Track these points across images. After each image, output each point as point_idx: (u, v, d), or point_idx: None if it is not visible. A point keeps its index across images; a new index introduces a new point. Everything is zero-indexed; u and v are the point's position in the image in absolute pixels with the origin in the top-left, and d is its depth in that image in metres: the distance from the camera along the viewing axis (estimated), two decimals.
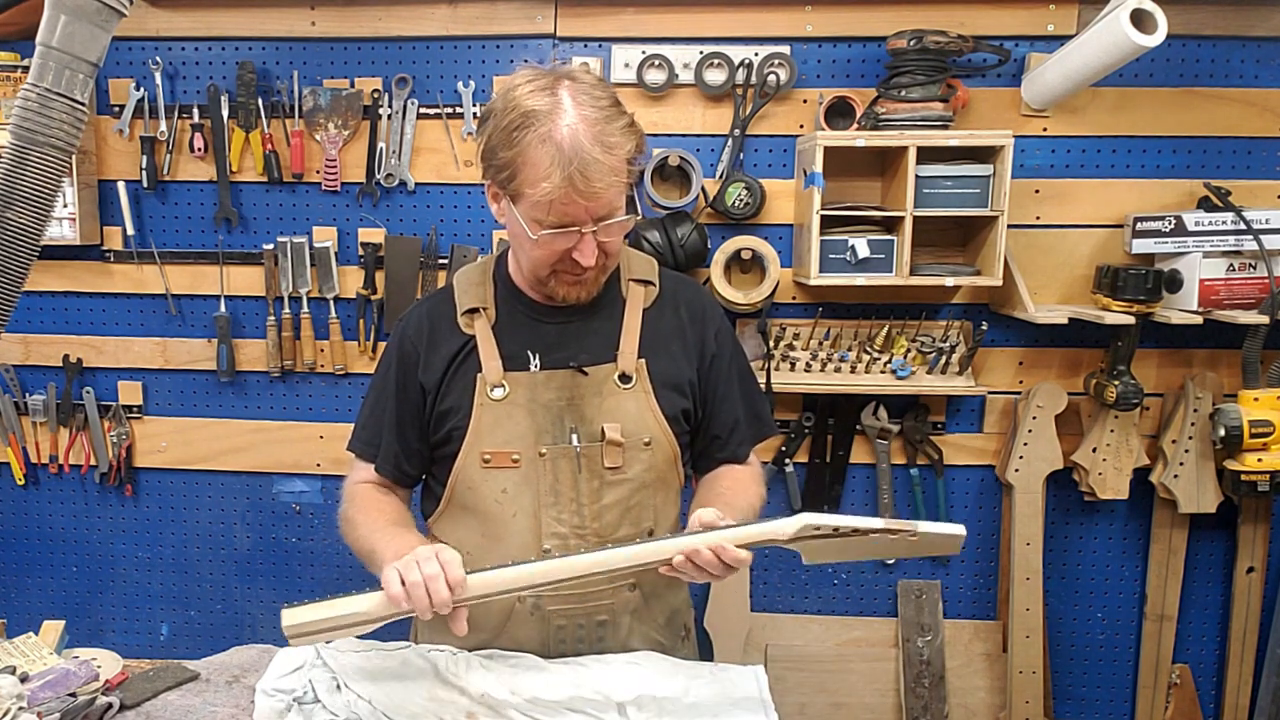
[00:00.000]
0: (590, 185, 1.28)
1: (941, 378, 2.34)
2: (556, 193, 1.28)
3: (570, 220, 1.32)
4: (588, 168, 1.27)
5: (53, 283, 2.52)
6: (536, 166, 1.29)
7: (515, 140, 1.30)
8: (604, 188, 1.30)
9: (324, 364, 2.50)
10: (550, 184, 1.28)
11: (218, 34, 2.41)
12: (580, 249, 1.35)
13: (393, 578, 1.22)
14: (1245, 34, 2.28)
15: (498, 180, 1.36)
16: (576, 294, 1.43)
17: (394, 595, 1.21)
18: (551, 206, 1.30)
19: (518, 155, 1.30)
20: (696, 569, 1.23)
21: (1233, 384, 2.29)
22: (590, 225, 1.33)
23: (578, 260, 1.36)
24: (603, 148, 1.28)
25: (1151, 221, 2.25)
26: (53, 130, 1.13)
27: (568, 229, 1.33)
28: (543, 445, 1.44)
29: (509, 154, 1.31)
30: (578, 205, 1.30)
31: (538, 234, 1.33)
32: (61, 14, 1.11)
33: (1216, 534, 2.44)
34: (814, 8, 2.32)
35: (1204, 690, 2.50)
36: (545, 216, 1.32)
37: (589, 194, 1.29)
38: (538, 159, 1.28)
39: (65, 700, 1.29)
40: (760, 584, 2.52)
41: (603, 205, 1.32)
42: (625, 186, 1.36)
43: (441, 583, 1.20)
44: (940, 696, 2.45)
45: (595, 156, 1.27)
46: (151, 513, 2.62)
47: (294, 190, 2.46)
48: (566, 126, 1.28)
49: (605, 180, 1.29)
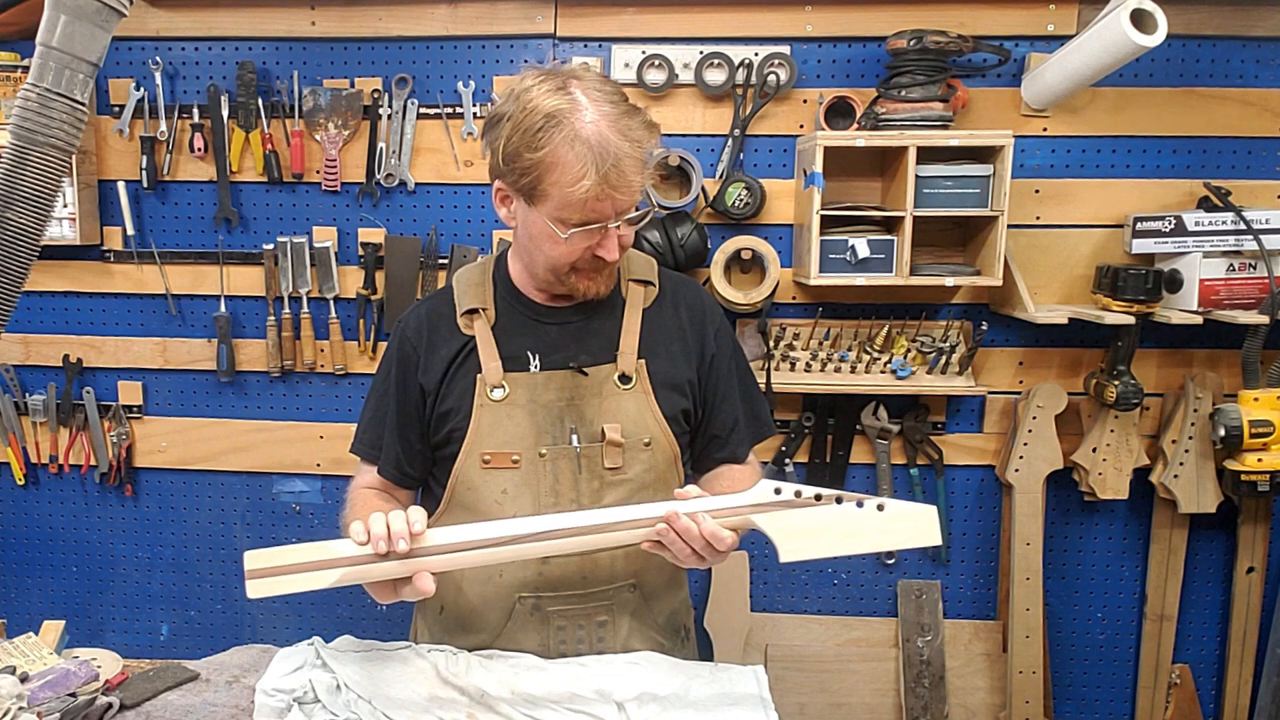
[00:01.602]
0: (625, 179, 1.30)
1: (941, 378, 2.34)
2: (594, 190, 1.29)
3: (598, 217, 1.33)
4: (621, 162, 1.29)
5: (53, 283, 2.52)
6: (569, 167, 1.29)
7: (540, 142, 1.30)
8: (637, 181, 1.33)
9: (324, 364, 2.50)
10: (588, 182, 1.29)
11: (218, 34, 2.41)
12: (605, 245, 1.37)
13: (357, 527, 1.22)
14: (1245, 34, 2.28)
15: (520, 185, 1.35)
16: (597, 288, 1.44)
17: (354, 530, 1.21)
18: (585, 205, 1.31)
19: (546, 156, 1.30)
20: (680, 541, 1.22)
21: (1233, 384, 2.29)
22: (615, 220, 1.35)
23: (602, 256, 1.37)
24: (630, 142, 1.30)
25: (1151, 221, 2.25)
26: (53, 130, 1.12)
27: (594, 225, 1.34)
28: (543, 446, 1.44)
29: (535, 156, 1.31)
30: (609, 201, 1.32)
31: (566, 233, 1.34)
32: (61, 14, 1.11)
33: (1216, 534, 2.44)
34: (814, 8, 2.32)
35: (1204, 690, 2.50)
36: (575, 215, 1.33)
37: (623, 187, 1.31)
38: (569, 159, 1.29)
39: (65, 700, 1.29)
40: (760, 584, 2.52)
41: (631, 200, 1.34)
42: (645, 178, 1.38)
43: (402, 521, 1.20)
44: (940, 696, 2.45)
45: (626, 151, 1.30)
46: (151, 513, 2.62)
47: (294, 190, 2.46)
48: (591, 124, 1.29)
49: (638, 174, 1.32)
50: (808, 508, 1.20)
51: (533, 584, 1.44)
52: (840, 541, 1.20)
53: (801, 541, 1.21)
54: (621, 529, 1.24)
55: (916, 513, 1.20)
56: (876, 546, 1.21)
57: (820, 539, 1.20)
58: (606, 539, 1.25)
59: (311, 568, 1.20)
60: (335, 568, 1.21)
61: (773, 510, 1.22)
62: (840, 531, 1.20)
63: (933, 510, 1.20)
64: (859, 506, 1.19)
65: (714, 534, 1.22)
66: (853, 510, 1.19)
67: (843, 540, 1.20)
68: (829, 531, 1.20)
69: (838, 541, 1.20)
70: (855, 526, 1.19)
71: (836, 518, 1.20)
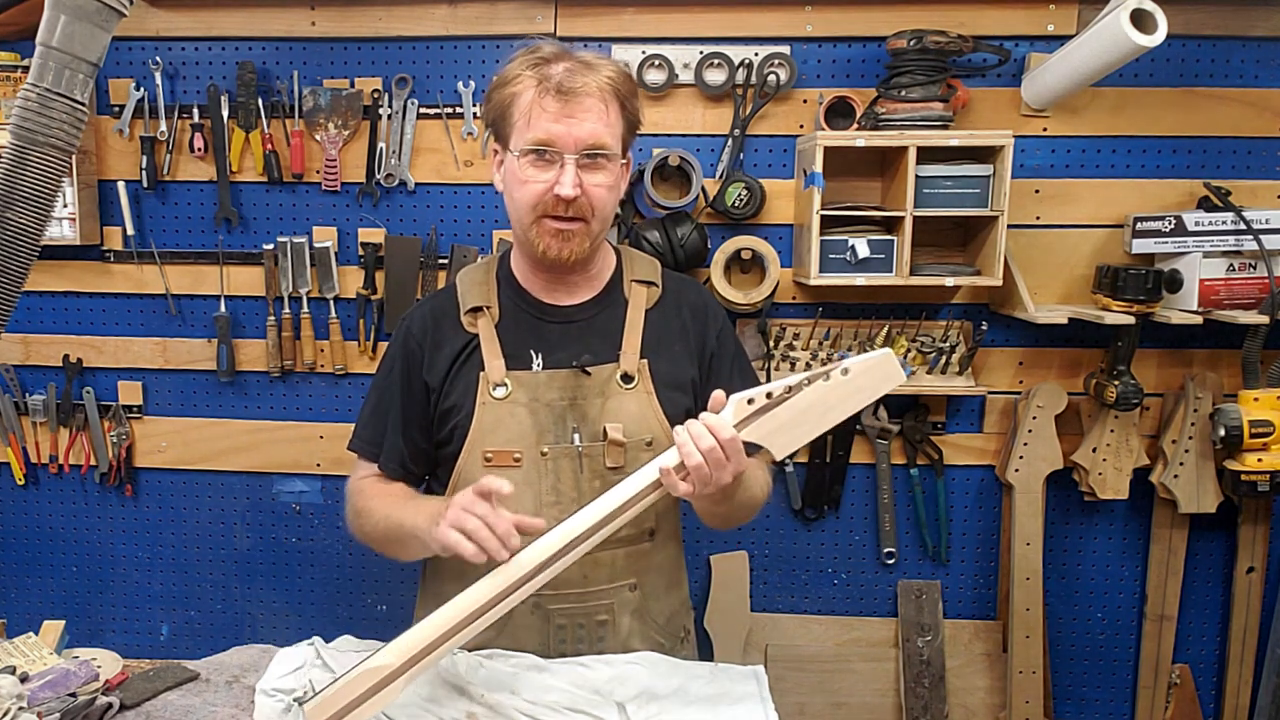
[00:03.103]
0: (574, 96, 1.33)
1: (941, 378, 2.34)
2: (539, 100, 1.34)
3: (551, 139, 1.35)
4: (572, 78, 1.34)
5: (53, 283, 2.51)
6: (520, 81, 1.37)
7: (505, 80, 1.38)
8: (585, 95, 1.34)
9: (324, 364, 2.50)
10: (530, 89, 1.35)
11: (218, 34, 2.41)
12: (561, 178, 1.36)
13: (455, 538, 1.20)
14: (1245, 34, 2.28)
15: (496, 128, 1.42)
16: (559, 248, 1.40)
17: (468, 553, 1.19)
18: (537, 123, 1.34)
19: (507, 91, 1.38)
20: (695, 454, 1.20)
21: (1233, 384, 2.29)
22: (572, 151, 1.35)
23: (559, 195, 1.36)
24: (582, 64, 1.36)
25: (1151, 221, 2.25)
26: (53, 130, 1.12)
27: (550, 153, 1.35)
28: (544, 445, 1.44)
29: (500, 94, 1.39)
30: (562, 123, 1.34)
31: (524, 161, 1.37)
32: (61, 14, 1.11)
33: (1216, 534, 2.44)
34: (814, 8, 2.32)
35: (1204, 690, 2.50)
36: (529, 136, 1.35)
37: (569, 93, 1.33)
38: (524, 86, 1.36)
39: (65, 700, 1.29)
40: (760, 584, 2.52)
41: (585, 127, 1.35)
42: (614, 123, 1.39)
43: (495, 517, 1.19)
44: (940, 696, 2.45)
45: (576, 70, 1.35)
46: (151, 513, 2.62)
47: (294, 190, 2.46)
48: (553, 54, 1.37)
49: (585, 85, 1.34)
50: (783, 402, 1.22)
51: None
52: (821, 419, 1.22)
53: (787, 435, 1.23)
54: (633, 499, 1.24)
55: (876, 361, 1.22)
56: (854, 408, 1.23)
57: (803, 426, 1.23)
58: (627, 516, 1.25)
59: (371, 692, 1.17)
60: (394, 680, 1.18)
61: (755, 419, 1.23)
62: (817, 411, 1.22)
63: (889, 351, 1.24)
64: (826, 380, 1.21)
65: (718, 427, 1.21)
66: (822, 386, 1.21)
67: (822, 417, 1.22)
68: (807, 415, 1.22)
69: (818, 421, 1.22)
70: (828, 400, 1.22)
71: (810, 400, 1.22)
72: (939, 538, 2.48)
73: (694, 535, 2.44)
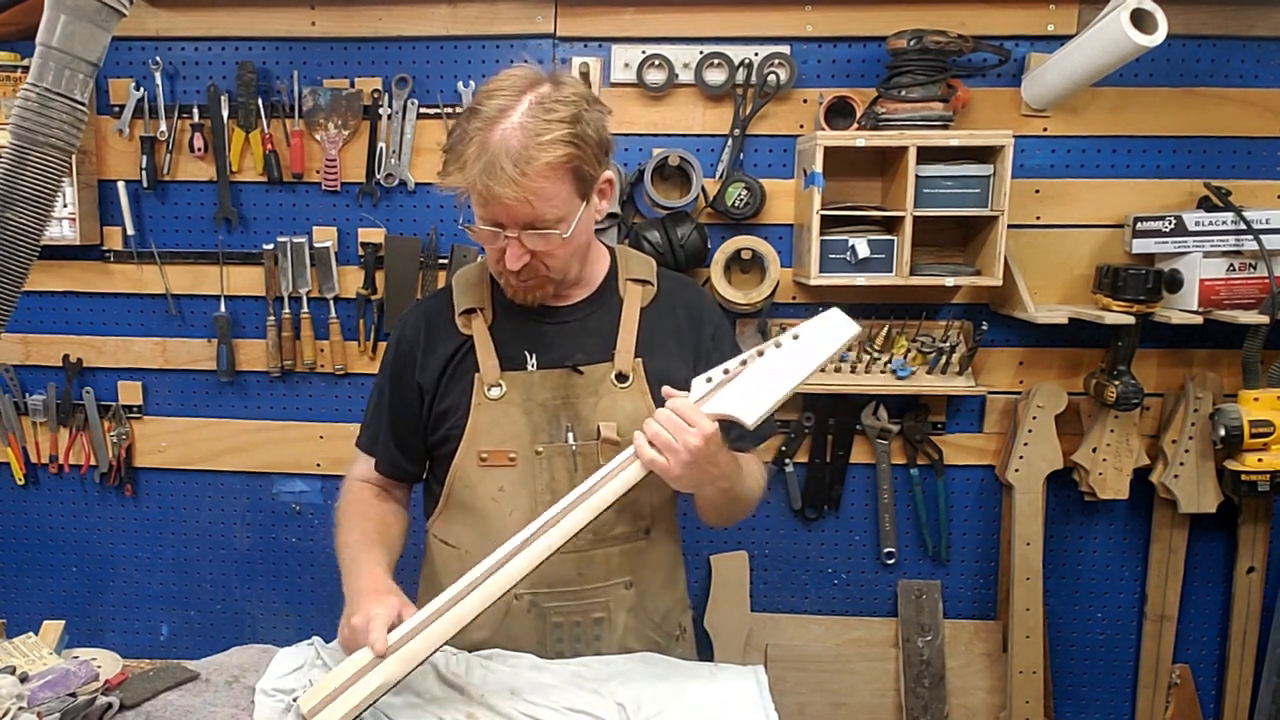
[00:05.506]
0: (491, 191, 1.29)
1: (941, 378, 2.34)
2: (470, 187, 1.31)
3: (494, 218, 1.34)
4: (491, 183, 1.28)
5: (53, 283, 2.52)
6: (460, 158, 1.31)
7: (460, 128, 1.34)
8: (511, 199, 1.29)
9: (324, 364, 2.50)
10: (462, 177, 1.31)
11: (218, 34, 2.41)
12: (506, 255, 1.36)
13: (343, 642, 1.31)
14: (1245, 34, 2.28)
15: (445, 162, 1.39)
16: (524, 296, 1.45)
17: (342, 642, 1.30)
18: (474, 200, 1.34)
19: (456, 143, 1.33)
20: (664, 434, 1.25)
21: (1233, 384, 2.29)
22: (513, 231, 1.34)
23: (505, 264, 1.37)
24: (515, 164, 1.27)
25: (1152, 221, 2.25)
26: (53, 130, 1.12)
27: (494, 228, 1.35)
28: (539, 444, 1.44)
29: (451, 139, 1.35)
30: (493, 206, 1.32)
31: (474, 226, 1.37)
32: (61, 14, 1.11)
33: (1216, 534, 2.44)
34: (814, 8, 2.32)
35: (1204, 690, 2.50)
36: (476, 210, 1.36)
37: (492, 200, 1.30)
38: (464, 151, 1.31)
39: (65, 700, 1.29)
40: (760, 584, 2.52)
41: (517, 215, 1.32)
42: (557, 195, 1.33)
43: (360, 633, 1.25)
44: (940, 696, 2.45)
45: (504, 167, 1.27)
46: (151, 513, 2.62)
47: (294, 190, 2.46)
48: (500, 132, 1.29)
49: (509, 193, 1.28)
50: (739, 375, 1.29)
51: (529, 580, 1.44)
52: (782, 381, 1.28)
53: (752, 401, 1.28)
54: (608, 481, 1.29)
55: (825, 320, 1.31)
56: (813, 365, 1.29)
57: (766, 390, 1.28)
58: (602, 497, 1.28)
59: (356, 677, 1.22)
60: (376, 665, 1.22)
61: (715, 394, 1.29)
62: (775, 374, 1.29)
63: (835, 309, 1.32)
64: (778, 347, 1.29)
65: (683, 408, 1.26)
66: (775, 353, 1.29)
67: (784, 379, 1.28)
68: (769, 380, 1.28)
69: (780, 383, 1.28)
70: (786, 363, 1.29)
71: (767, 366, 1.29)
72: (939, 538, 2.48)
73: (694, 535, 2.44)
